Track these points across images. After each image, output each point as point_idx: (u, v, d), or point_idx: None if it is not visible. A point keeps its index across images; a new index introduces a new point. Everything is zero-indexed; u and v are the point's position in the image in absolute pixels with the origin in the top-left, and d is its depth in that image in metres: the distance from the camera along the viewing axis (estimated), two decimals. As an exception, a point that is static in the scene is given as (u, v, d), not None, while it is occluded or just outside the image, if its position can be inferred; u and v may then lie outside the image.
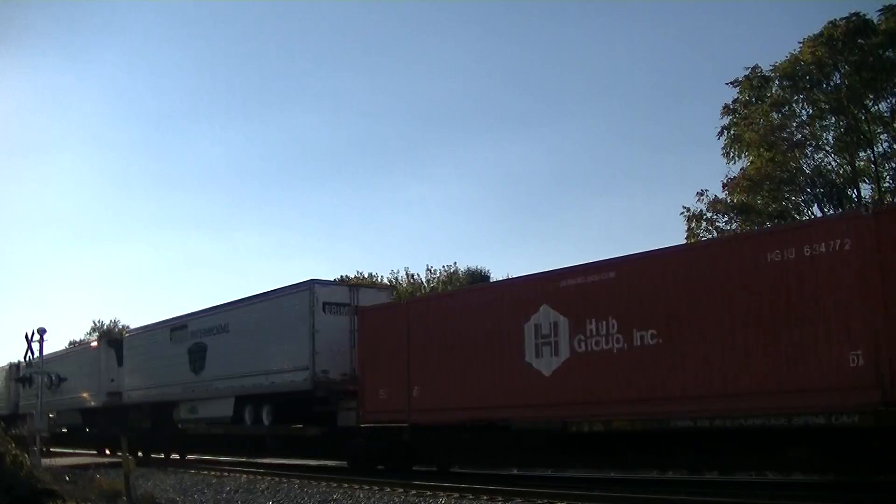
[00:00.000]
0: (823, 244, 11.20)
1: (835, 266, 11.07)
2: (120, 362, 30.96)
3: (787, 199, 26.65)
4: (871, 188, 25.58)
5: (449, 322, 17.08)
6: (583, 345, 14.07)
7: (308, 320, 19.99)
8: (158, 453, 29.43)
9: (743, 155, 27.12)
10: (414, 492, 14.10)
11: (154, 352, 27.79)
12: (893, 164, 25.35)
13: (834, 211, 24.53)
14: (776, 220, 25.06)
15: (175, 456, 29.37)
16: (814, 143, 25.94)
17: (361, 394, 18.96)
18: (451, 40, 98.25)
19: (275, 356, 21.20)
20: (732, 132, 27.02)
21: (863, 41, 23.92)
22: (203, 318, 25.33)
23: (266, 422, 21.84)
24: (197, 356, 25.03)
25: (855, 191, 25.60)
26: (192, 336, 25.52)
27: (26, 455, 18.10)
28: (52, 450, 32.13)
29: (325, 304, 20.23)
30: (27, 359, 30.74)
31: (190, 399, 25.49)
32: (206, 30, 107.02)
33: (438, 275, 43.35)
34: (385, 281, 46.08)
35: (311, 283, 20.30)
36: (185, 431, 26.88)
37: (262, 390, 21.69)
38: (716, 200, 27.03)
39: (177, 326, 26.79)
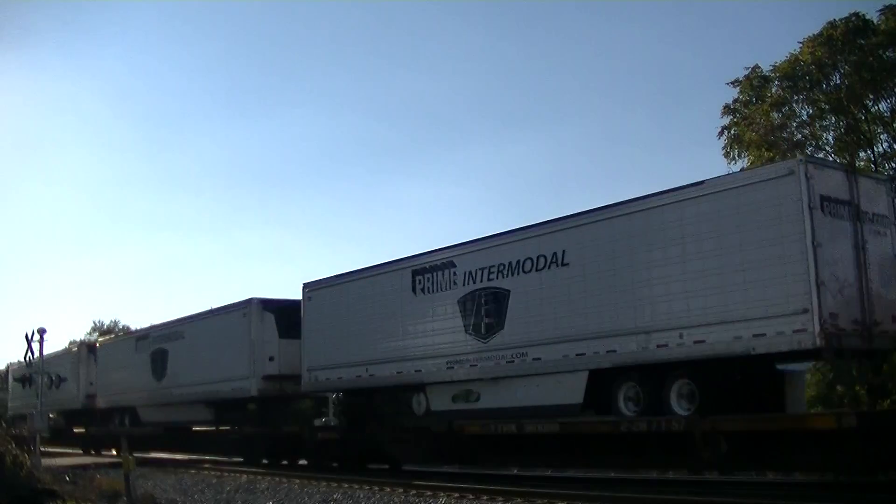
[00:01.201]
0: None
1: None
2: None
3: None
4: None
5: None
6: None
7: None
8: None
9: (743, 155, 27.12)
10: (414, 492, 14.12)
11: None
12: (893, 164, 25.34)
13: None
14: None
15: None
16: (814, 143, 25.92)
17: None
18: (451, 40, 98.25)
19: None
20: (733, 132, 27.02)
21: (863, 41, 23.91)
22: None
23: None
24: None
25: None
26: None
27: (26, 455, 18.09)
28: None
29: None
30: (27, 359, 30.92)
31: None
32: (206, 29, 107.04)
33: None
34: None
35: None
36: None
37: None
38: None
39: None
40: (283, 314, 23.33)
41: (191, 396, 26.18)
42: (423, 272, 18.10)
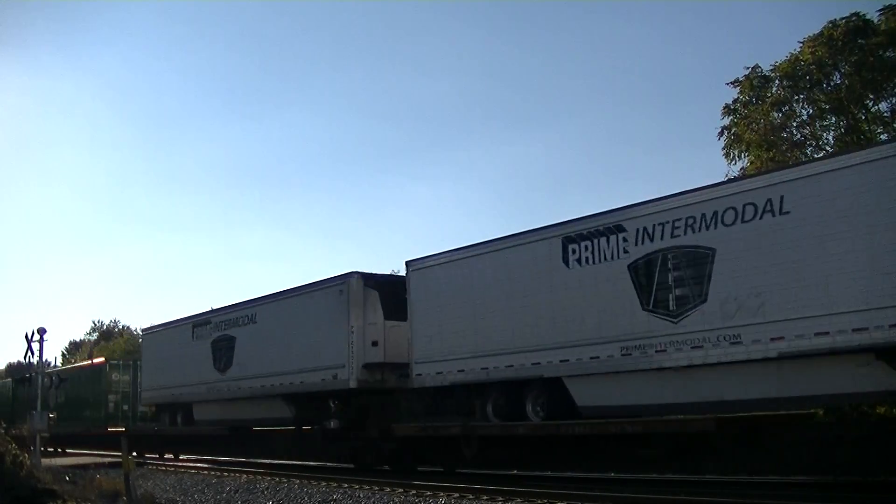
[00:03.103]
0: None
1: None
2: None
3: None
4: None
5: None
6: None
7: None
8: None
9: (743, 155, 27.11)
10: (414, 492, 14.13)
11: None
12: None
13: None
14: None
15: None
16: (814, 143, 25.92)
17: None
18: (452, 40, 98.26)
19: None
20: (733, 132, 27.02)
21: (863, 41, 23.91)
22: None
23: None
24: None
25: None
26: None
27: (26, 455, 18.09)
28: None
29: None
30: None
31: None
32: (206, 30, 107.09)
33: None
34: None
35: None
36: None
37: None
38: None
39: None
40: (389, 291, 19.83)
41: (264, 390, 22.63)
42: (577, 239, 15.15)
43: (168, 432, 29.00)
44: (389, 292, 19.69)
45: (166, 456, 29.67)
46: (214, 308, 27.13)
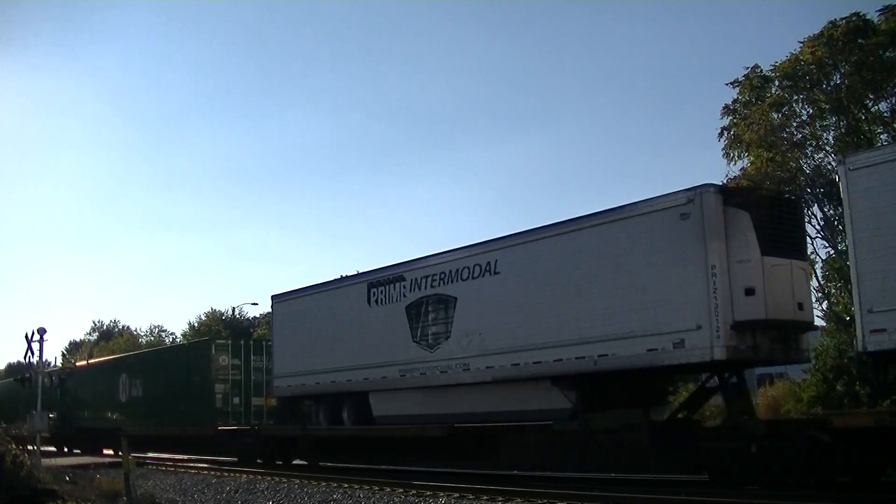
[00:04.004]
0: None
1: None
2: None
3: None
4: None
5: None
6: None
7: None
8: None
9: (743, 155, 27.11)
10: (414, 492, 14.14)
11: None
12: (894, 164, 25.33)
13: (834, 211, 24.49)
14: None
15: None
16: (814, 143, 25.93)
17: None
18: (451, 40, 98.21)
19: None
20: (733, 132, 27.02)
21: (863, 41, 23.92)
22: None
23: None
24: None
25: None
26: None
27: (27, 455, 18.09)
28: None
29: None
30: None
31: None
32: (206, 30, 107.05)
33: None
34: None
35: None
36: None
37: None
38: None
39: None
40: (766, 214, 13.54)
41: (519, 371, 15.97)
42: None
43: (340, 432, 20.93)
44: (767, 216, 13.55)
45: (325, 464, 21.70)
46: (403, 261, 19.69)
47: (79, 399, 35.26)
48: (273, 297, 23.98)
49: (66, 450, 35.01)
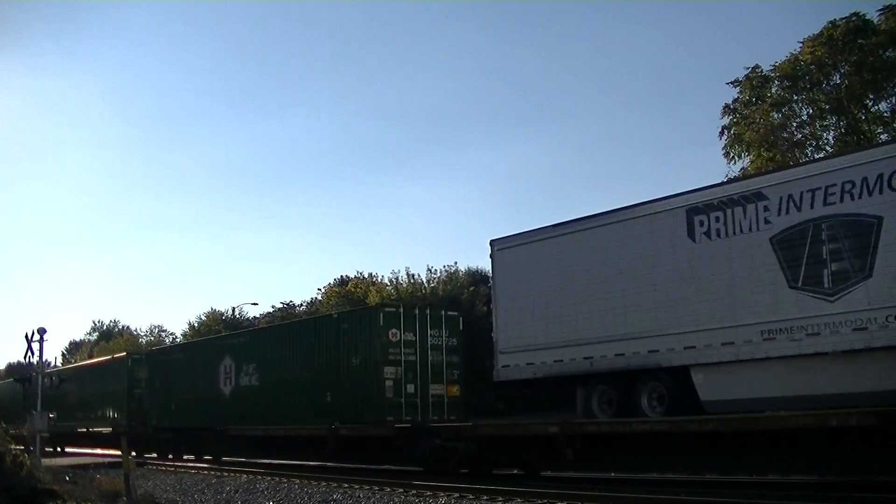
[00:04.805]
0: None
1: None
2: None
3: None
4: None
5: None
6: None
7: None
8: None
9: (743, 155, 27.16)
10: (414, 492, 14.11)
11: None
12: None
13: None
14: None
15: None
16: (814, 143, 26.00)
17: None
18: (451, 40, 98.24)
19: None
20: (733, 132, 27.06)
21: (863, 41, 23.97)
22: None
23: None
24: None
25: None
26: None
27: (27, 455, 18.08)
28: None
29: None
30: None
31: None
32: (206, 29, 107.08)
33: (439, 275, 43.06)
34: (385, 281, 45.80)
35: None
36: None
37: None
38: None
39: None
40: None
41: None
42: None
43: (655, 426, 13.66)
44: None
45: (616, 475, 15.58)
46: (757, 173, 15.58)
47: (156, 391, 28.18)
48: (493, 243, 17.92)
49: (142, 455, 26.75)
